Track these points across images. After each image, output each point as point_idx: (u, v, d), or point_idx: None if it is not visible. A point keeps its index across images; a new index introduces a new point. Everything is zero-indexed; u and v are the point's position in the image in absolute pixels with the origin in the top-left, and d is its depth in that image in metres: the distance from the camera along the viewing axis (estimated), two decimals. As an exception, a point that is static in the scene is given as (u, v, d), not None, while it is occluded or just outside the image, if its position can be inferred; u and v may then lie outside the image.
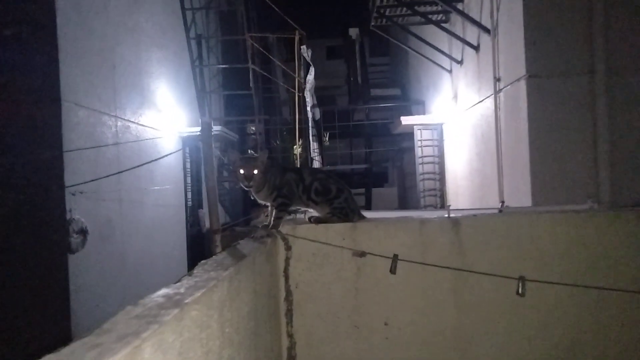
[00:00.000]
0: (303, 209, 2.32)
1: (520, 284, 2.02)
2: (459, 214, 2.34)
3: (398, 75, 12.29)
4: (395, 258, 1.99)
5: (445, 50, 6.70)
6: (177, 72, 7.90)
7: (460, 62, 6.37)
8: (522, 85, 4.42)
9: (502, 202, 2.65)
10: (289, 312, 2.19)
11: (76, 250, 4.59)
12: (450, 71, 6.94)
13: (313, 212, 2.28)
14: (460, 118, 6.56)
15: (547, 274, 2.10)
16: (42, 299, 4.29)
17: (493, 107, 5.18)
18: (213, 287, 1.14)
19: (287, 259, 2.13)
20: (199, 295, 1.03)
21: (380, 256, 2.04)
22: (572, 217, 2.20)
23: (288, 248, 2.13)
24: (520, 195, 4.58)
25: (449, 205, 2.37)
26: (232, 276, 1.34)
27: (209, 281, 1.17)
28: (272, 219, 2.10)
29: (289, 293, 2.15)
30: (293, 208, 2.28)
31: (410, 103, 9.84)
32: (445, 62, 6.98)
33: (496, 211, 2.77)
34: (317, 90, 10.29)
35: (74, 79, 4.77)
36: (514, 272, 2.05)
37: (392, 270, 1.98)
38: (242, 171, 2.02)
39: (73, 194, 4.62)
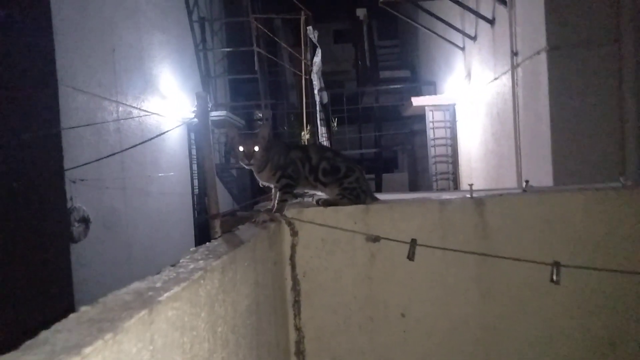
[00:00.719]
0: (310, 191, 2.12)
1: (554, 270, 1.80)
2: (482, 194, 2.12)
3: (407, 56, 11.95)
4: (413, 243, 1.78)
5: (458, 26, 6.39)
6: (180, 57, 7.69)
7: (473, 38, 6.07)
8: (542, 58, 4.15)
9: (527, 181, 2.41)
10: (297, 304, 2.01)
11: (78, 239, 4.45)
12: (463, 48, 6.64)
13: (321, 195, 2.08)
14: (474, 97, 6.28)
15: (583, 259, 1.89)
16: (44, 291, 4.16)
17: (510, 84, 4.90)
18: (199, 279, 0.95)
19: (293, 246, 1.93)
20: (179, 290, 0.83)
21: (396, 241, 1.83)
22: (610, 195, 1.97)
23: (294, 233, 1.94)
24: (541, 176, 4.33)
25: (472, 185, 2.13)
26: (225, 266, 1.14)
27: (194, 272, 0.97)
28: (276, 201, 1.90)
29: (296, 282, 1.95)
30: (299, 190, 2.07)
31: (420, 84, 9.54)
32: (458, 39, 6.68)
33: (519, 191, 2.55)
34: (325, 76, 10.02)
35: (71, 62, 4.59)
36: (546, 257, 1.83)
37: (410, 257, 1.77)
38: (241, 148, 1.82)
39: (74, 182, 4.47)
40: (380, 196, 2.23)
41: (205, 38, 8.85)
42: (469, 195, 2.02)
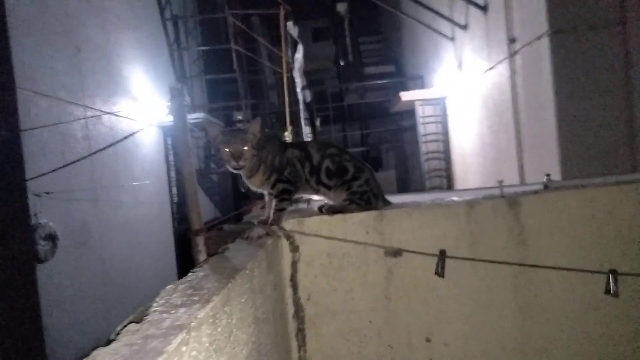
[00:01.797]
0: (314, 197, 1.77)
1: (610, 280, 1.49)
2: (510, 191, 1.80)
3: (391, 51, 11.68)
4: (442, 256, 1.45)
5: (447, 14, 6.12)
6: (153, 57, 7.24)
7: (464, 27, 5.80)
8: (544, 43, 3.88)
9: (548, 175, 2.10)
10: (301, 333, 1.66)
11: (45, 259, 4.01)
12: (452, 39, 6.37)
13: (324, 200, 1.74)
14: (467, 89, 6.01)
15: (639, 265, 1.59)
16: (9, 317, 3.72)
17: (507, 73, 4.64)
18: (179, 346, 0.59)
19: (294, 263, 1.59)
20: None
21: (418, 253, 1.50)
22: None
23: (294, 249, 1.59)
24: (546, 169, 4.06)
25: (502, 181, 1.79)
26: (216, 312, 0.79)
27: (171, 335, 0.62)
28: (272, 211, 1.55)
29: (299, 308, 1.61)
30: (298, 196, 1.73)
31: (406, 79, 9.27)
32: (447, 28, 6.41)
33: (538, 187, 2.24)
34: (306, 75, 9.67)
35: (31, 64, 4.15)
36: (598, 264, 1.53)
37: (439, 272, 1.45)
38: (226, 149, 1.47)
39: (38, 196, 4.03)
40: (392, 198, 1.90)
41: (179, 37, 8.42)
42: (500, 194, 1.70)
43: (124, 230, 5.55)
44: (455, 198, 1.71)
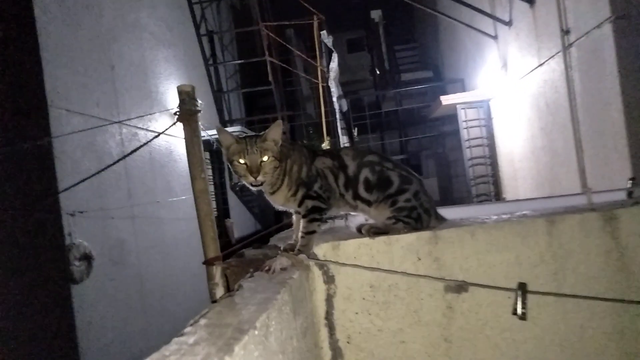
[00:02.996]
0: (352, 213, 1.51)
1: None
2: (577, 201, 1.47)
3: (428, 56, 11.30)
4: (522, 290, 1.15)
5: (488, 10, 5.74)
6: (189, 72, 7.24)
7: (508, 23, 5.42)
8: (606, 31, 3.48)
9: (632, 179, 1.74)
10: (340, 379, 1.39)
11: (80, 279, 3.92)
12: (495, 37, 5.97)
13: (363, 218, 1.47)
14: (513, 89, 5.60)
15: None
16: (45, 341, 3.64)
17: (561, 68, 4.23)
18: None
19: (329, 298, 1.33)
20: None
21: (488, 287, 1.21)
22: None
23: (329, 280, 1.33)
24: (613, 172, 3.63)
25: (589, 189, 1.46)
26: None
27: None
28: (300, 234, 1.29)
29: (337, 353, 1.34)
30: (332, 213, 1.47)
31: (445, 82, 8.87)
32: (489, 26, 6.02)
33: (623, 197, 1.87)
34: (342, 86, 9.47)
35: (63, 82, 4.13)
36: None
37: (519, 313, 1.14)
38: (241, 161, 1.23)
39: (72, 215, 3.96)
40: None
41: (215, 52, 8.42)
42: (589, 206, 1.37)
43: (162, 248, 5.46)
44: (526, 212, 1.40)
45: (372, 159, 1.41)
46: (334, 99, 8.43)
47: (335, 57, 8.15)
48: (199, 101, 1.51)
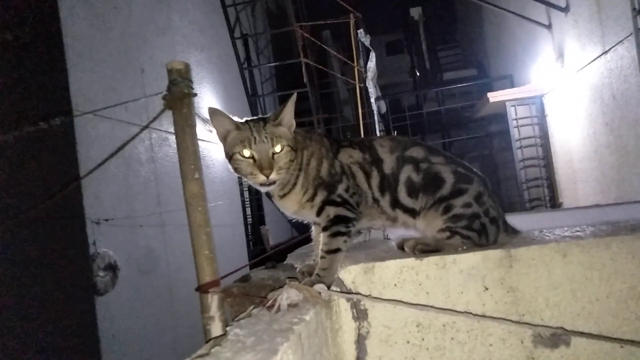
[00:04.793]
0: (390, 228, 1.15)
1: None
2: None
3: (472, 54, 10.73)
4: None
5: (542, -2, 5.23)
6: (222, 76, 7.08)
7: (565, 9, 4.89)
8: (691, 7, 2.96)
9: None
10: None
11: (105, 291, 3.75)
12: (549, 26, 5.45)
13: (406, 232, 1.13)
14: (571, 83, 5.05)
15: None
16: (68, 355, 3.47)
17: (632, 54, 3.70)
18: None
19: (359, 340, 0.99)
20: None
21: (595, 337, 0.84)
22: None
23: (360, 315, 0.99)
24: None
25: None
26: None
27: None
28: (320, 253, 0.96)
29: (372, 413, 0.99)
30: (364, 225, 1.13)
31: (491, 79, 8.31)
32: (541, 14, 5.50)
33: None
34: (380, 89, 9.10)
35: (90, 86, 3.99)
36: None
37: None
38: (246, 153, 0.92)
39: (97, 223, 3.80)
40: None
41: (249, 56, 8.26)
42: None
43: (193, 257, 5.27)
44: (628, 221, 1.02)
45: (417, 153, 1.06)
46: (372, 100, 8.07)
47: (373, 56, 7.79)
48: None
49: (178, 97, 1.13)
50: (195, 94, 1.17)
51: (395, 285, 0.97)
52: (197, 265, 1.09)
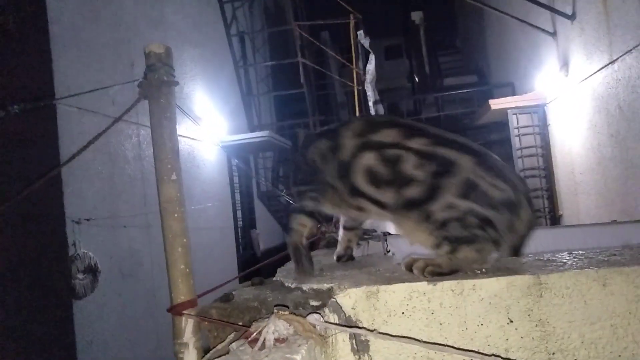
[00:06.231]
0: (356, 216, 1.00)
1: None
2: None
3: (473, 61, 10.62)
4: None
5: (545, 1, 5.11)
6: (216, 74, 6.90)
7: (571, 17, 4.77)
8: None
9: None
10: None
11: (84, 294, 3.54)
12: (554, 33, 5.32)
13: (409, 244, 0.95)
14: (576, 92, 4.92)
15: None
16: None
17: (642, 63, 3.57)
18: None
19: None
20: None
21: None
22: None
23: (361, 348, 0.82)
24: None
25: None
26: None
27: None
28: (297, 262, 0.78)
29: None
30: (329, 211, 0.97)
31: (492, 87, 8.20)
32: (546, 22, 5.38)
33: None
34: (378, 93, 8.96)
35: (75, 77, 3.80)
36: None
37: None
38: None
39: (77, 223, 3.60)
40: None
41: (245, 54, 8.09)
42: None
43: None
44: None
45: (386, 137, 0.89)
46: (370, 104, 7.93)
47: (372, 59, 7.66)
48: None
49: (155, 85, 0.95)
50: (177, 83, 0.99)
51: (403, 313, 0.80)
52: (170, 281, 0.92)
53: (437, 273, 0.85)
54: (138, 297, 4.27)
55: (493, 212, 0.88)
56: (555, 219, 5.76)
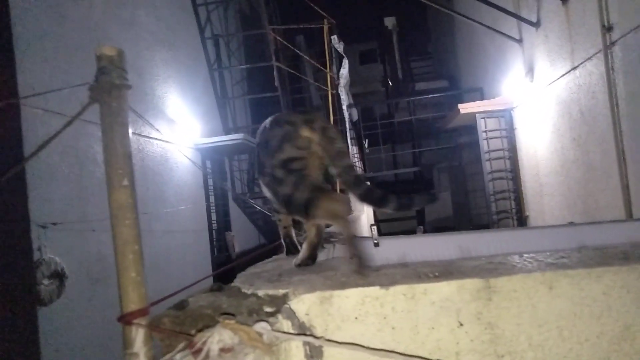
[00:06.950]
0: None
1: None
2: None
3: (443, 66, 10.83)
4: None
5: (511, 9, 5.27)
6: (190, 77, 6.83)
7: (535, 24, 4.93)
8: (660, 25, 2.97)
9: None
10: None
11: (49, 300, 3.46)
12: (520, 40, 5.49)
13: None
14: (540, 97, 5.09)
15: None
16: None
17: (601, 70, 3.72)
18: None
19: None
20: None
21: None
22: None
23: (315, 354, 0.84)
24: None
25: None
26: None
27: None
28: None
29: None
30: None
31: (462, 91, 8.37)
32: (512, 29, 5.54)
33: None
34: (353, 98, 9.05)
35: (41, 78, 3.72)
36: None
37: None
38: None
39: (43, 227, 3.52)
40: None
41: (220, 57, 8.04)
42: None
43: (153, 263, 4.98)
44: (613, 245, 0.91)
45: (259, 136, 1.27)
46: (344, 107, 8.00)
47: (345, 63, 7.73)
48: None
49: (106, 88, 0.95)
50: (130, 86, 1.00)
51: (356, 318, 0.83)
52: (120, 289, 0.91)
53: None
54: (108, 303, 4.19)
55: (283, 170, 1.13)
56: (522, 220, 5.92)
